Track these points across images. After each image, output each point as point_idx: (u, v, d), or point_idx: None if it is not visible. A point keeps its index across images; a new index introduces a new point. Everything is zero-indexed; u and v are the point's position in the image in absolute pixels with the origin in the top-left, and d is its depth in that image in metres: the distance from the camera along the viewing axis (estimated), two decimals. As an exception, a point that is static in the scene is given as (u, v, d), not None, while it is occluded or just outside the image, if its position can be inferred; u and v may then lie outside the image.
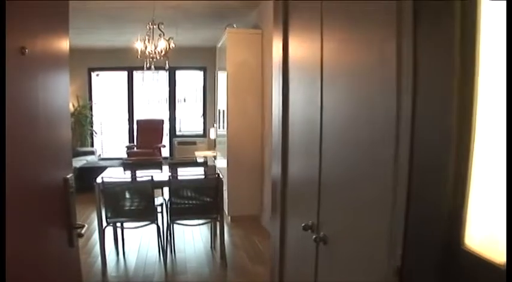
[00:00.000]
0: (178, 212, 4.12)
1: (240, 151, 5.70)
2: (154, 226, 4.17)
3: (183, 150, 9.64)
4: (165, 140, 9.91)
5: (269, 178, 5.54)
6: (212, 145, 9.54)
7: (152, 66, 4.96)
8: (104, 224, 4.02)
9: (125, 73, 9.92)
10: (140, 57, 4.90)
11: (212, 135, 9.27)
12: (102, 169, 5.71)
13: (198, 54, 9.44)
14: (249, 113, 5.68)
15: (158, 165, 5.08)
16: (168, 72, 9.93)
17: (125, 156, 8.92)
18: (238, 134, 5.67)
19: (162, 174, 4.83)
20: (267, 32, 5.50)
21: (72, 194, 1.83)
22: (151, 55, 4.85)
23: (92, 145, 9.80)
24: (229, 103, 5.63)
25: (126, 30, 6.92)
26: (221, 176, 4.16)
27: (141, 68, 9.53)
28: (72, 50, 7.31)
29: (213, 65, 9.58)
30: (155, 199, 4.23)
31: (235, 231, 5.44)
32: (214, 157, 7.51)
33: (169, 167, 4.96)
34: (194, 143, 9.80)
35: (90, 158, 8.76)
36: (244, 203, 5.77)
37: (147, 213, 4.06)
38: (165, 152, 9.81)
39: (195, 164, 5.44)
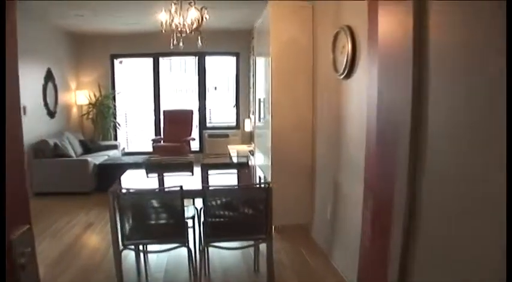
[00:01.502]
0: (215, 231, 3.18)
1: (286, 148, 4.70)
2: (184, 249, 3.25)
3: (214, 143, 8.79)
4: (195, 132, 9.05)
5: (321, 181, 4.57)
6: (246, 138, 8.66)
7: (181, 44, 3.98)
8: (121, 247, 3.13)
9: (150, 60, 9.13)
10: (165, 31, 3.94)
11: (247, 127, 8.40)
12: (124, 166, 4.88)
13: (230, 38, 8.63)
14: (297, 102, 4.67)
15: (188, 167, 4.17)
16: (197, 57, 9.05)
17: (151, 150, 8.13)
18: (284, 128, 4.66)
19: (194, 178, 3.93)
20: (318, 4, 4.49)
21: (26, 272, 0.91)
22: (179, 29, 3.89)
23: (116, 138, 9.06)
24: (274, 91, 4.61)
25: (151, 10, 6.07)
26: (271, 185, 3.16)
27: (168, 54, 8.80)
28: (93, 35, 6.50)
29: (247, 50, 8.70)
30: (185, 211, 3.30)
31: (281, 244, 4.48)
32: (251, 152, 6.57)
33: (201, 170, 4.05)
34: (226, 136, 8.93)
35: (112, 152, 7.97)
36: (290, 210, 4.79)
37: (175, 233, 3.13)
38: (195, 145, 8.98)
39: (233, 165, 4.49)
